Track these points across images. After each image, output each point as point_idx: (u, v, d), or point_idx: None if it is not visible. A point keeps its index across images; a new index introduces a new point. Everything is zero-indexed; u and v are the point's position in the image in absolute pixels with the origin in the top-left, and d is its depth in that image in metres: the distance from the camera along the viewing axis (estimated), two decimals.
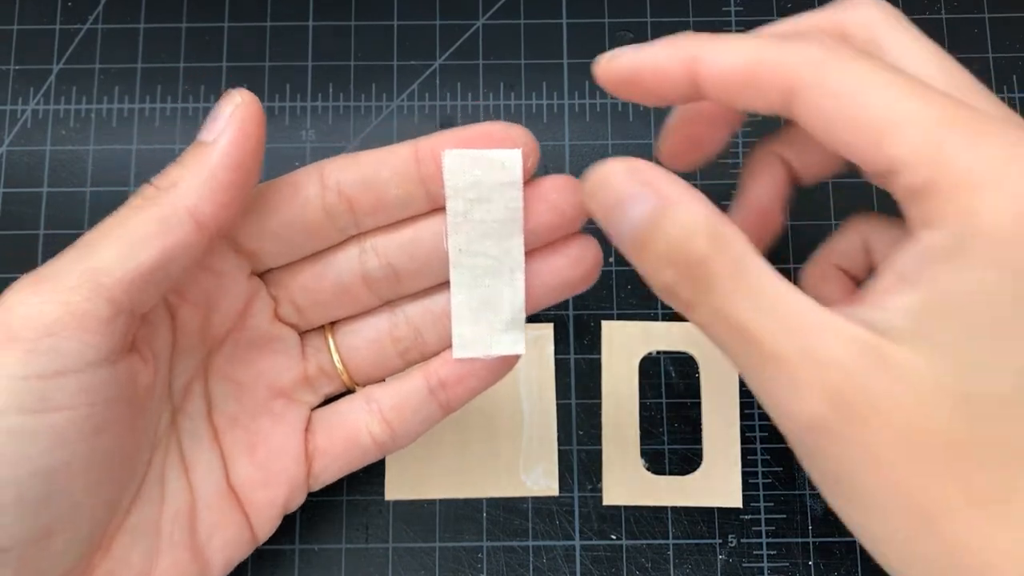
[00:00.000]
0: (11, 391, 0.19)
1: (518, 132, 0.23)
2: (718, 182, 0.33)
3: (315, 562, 0.30)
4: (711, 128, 0.25)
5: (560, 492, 0.31)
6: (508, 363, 0.25)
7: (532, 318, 0.32)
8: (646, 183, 0.20)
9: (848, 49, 0.19)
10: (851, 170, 0.22)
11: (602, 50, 0.35)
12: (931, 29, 0.35)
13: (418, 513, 0.31)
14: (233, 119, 0.22)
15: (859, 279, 0.25)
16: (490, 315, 0.25)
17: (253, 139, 0.22)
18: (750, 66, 0.20)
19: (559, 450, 0.31)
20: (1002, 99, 0.34)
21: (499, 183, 0.23)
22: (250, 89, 0.34)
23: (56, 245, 0.33)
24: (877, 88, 0.18)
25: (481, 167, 0.23)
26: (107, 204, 0.33)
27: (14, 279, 0.21)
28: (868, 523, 0.19)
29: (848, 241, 0.25)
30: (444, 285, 0.25)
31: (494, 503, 0.31)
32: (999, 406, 0.17)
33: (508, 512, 0.31)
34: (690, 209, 0.19)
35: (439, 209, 0.24)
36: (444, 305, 0.25)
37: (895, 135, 0.18)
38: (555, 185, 0.23)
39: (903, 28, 0.21)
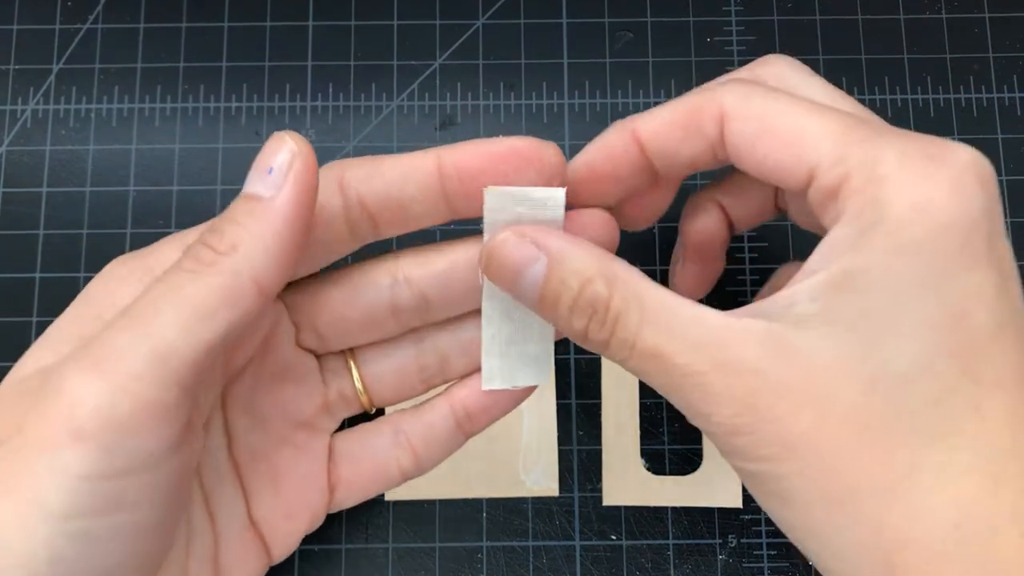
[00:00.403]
0: (77, 492, 0.18)
1: (550, 151, 0.22)
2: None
3: (315, 562, 0.30)
4: (715, 259, 0.28)
5: (560, 492, 0.31)
6: (530, 391, 0.25)
7: None
8: (534, 244, 0.21)
9: (763, 87, 0.22)
10: (781, 213, 0.25)
11: (602, 50, 0.35)
12: (931, 29, 0.35)
13: (418, 513, 0.31)
14: (293, 173, 0.20)
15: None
16: (519, 348, 0.25)
17: (312, 193, 0.20)
18: (682, 114, 0.22)
19: (559, 450, 0.31)
20: (1002, 99, 0.34)
21: (540, 220, 0.22)
22: (249, 89, 0.34)
23: (56, 245, 0.33)
24: (792, 109, 0.20)
25: (524, 206, 0.22)
26: (107, 204, 0.33)
27: (14, 279, 0.21)
28: (795, 518, 0.19)
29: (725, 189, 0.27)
30: (473, 313, 0.25)
31: (494, 503, 0.31)
32: (900, 382, 0.18)
33: (508, 512, 0.31)
34: (580, 258, 0.21)
35: (473, 237, 0.24)
36: (473, 333, 0.25)
37: (810, 143, 0.20)
38: (593, 221, 0.23)
39: (808, 75, 0.23)
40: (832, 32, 0.35)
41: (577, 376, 0.32)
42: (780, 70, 0.23)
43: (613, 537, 0.31)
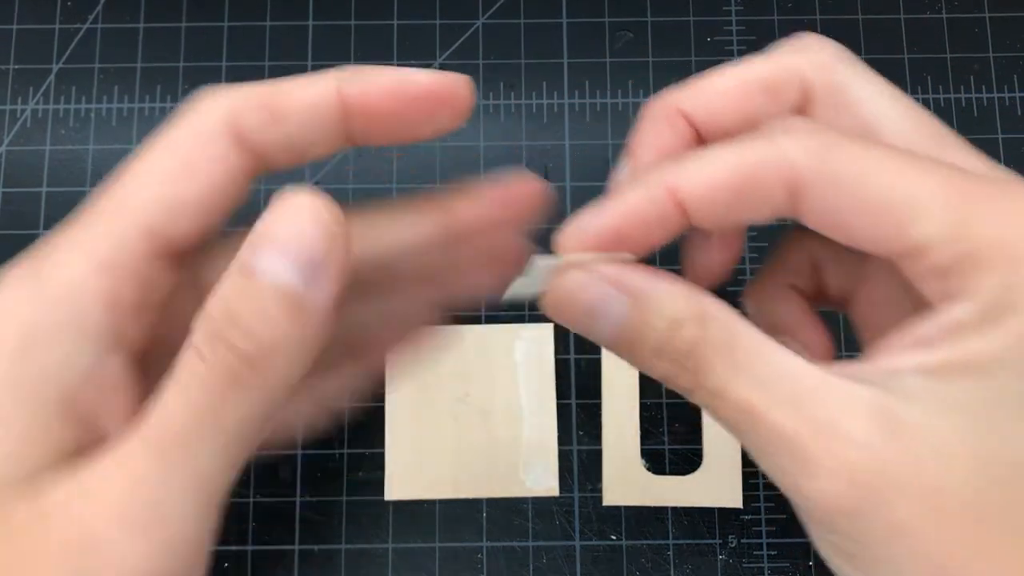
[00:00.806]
0: None
1: (463, 90, 0.20)
2: None
3: (315, 562, 0.30)
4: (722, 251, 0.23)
5: (560, 492, 0.31)
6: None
7: (532, 318, 0.32)
8: (613, 283, 0.19)
9: (838, 133, 0.18)
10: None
11: (602, 50, 0.35)
12: (931, 29, 0.35)
13: (418, 513, 0.31)
14: (335, 264, 0.17)
15: (809, 296, 0.23)
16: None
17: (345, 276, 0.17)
18: (739, 176, 0.18)
19: (559, 450, 0.31)
20: (1002, 99, 0.34)
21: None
22: None
23: None
24: (887, 171, 0.17)
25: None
26: None
27: None
28: None
29: (796, 258, 0.23)
30: None
31: (494, 503, 0.31)
32: (1018, 471, 0.17)
33: (508, 512, 0.31)
34: (669, 297, 0.18)
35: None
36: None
37: (918, 217, 0.17)
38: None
39: (859, 71, 0.20)
40: (832, 32, 0.35)
41: (577, 376, 0.32)
42: (824, 61, 0.20)
43: (613, 537, 0.31)
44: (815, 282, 0.23)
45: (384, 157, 0.34)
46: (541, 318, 0.32)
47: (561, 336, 0.32)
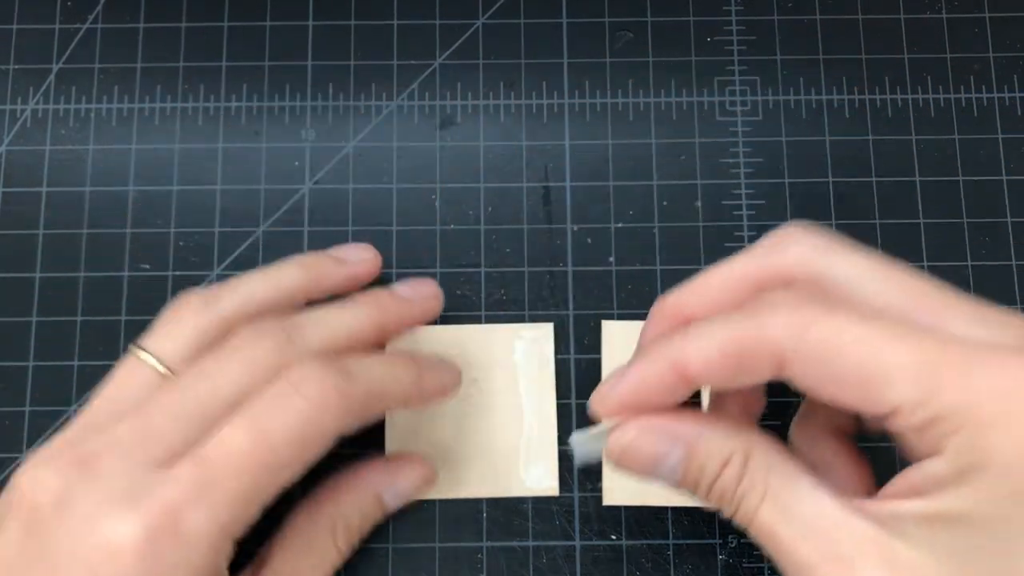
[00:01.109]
0: None
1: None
2: (720, 181, 0.34)
3: None
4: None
5: (560, 492, 0.31)
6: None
7: (533, 318, 0.32)
8: (666, 434, 0.22)
9: (818, 306, 0.20)
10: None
11: (602, 50, 0.35)
12: (931, 29, 0.35)
13: (418, 513, 0.31)
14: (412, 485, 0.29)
15: (850, 431, 0.25)
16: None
17: None
18: (730, 352, 0.21)
19: (559, 450, 0.31)
20: (1002, 99, 0.34)
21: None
22: (249, 88, 0.34)
23: (56, 245, 0.33)
24: (861, 343, 0.19)
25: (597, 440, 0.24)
26: (107, 204, 0.33)
27: (14, 279, 0.21)
28: None
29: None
30: None
31: (494, 503, 0.31)
32: None
33: (508, 512, 0.31)
34: (717, 438, 0.21)
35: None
36: None
37: (888, 387, 0.19)
38: None
39: (839, 252, 0.22)
40: (832, 32, 0.35)
41: (577, 376, 0.32)
42: (803, 256, 0.22)
43: (613, 537, 0.31)
44: (854, 419, 0.25)
45: (384, 157, 0.34)
46: (541, 318, 0.32)
47: (561, 336, 0.32)
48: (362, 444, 0.30)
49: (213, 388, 0.24)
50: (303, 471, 0.24)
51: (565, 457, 0.31)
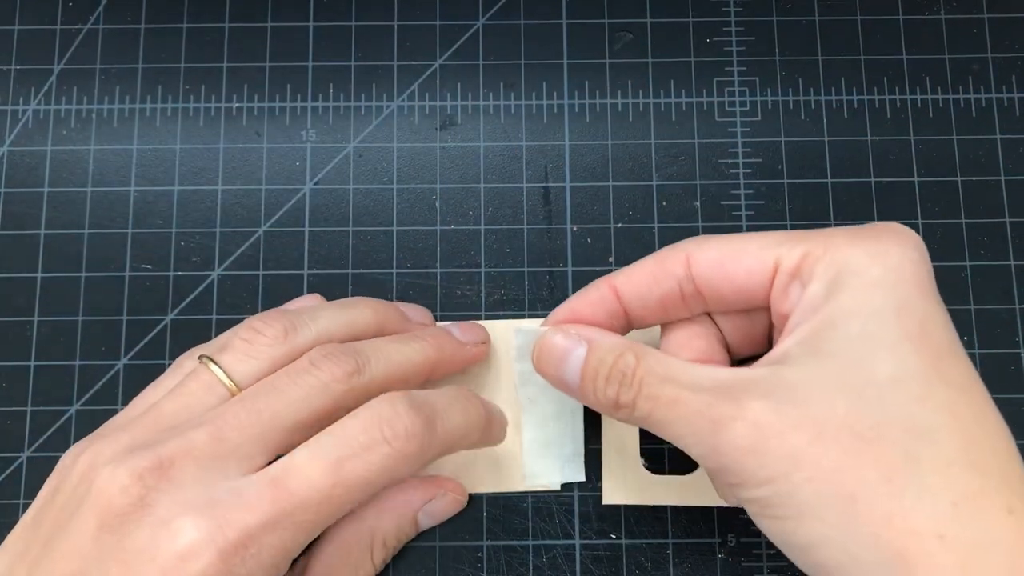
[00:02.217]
0: None
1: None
2: (719, 181, 0.34)
3: None
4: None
5: (560, 491, 0.31)
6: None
7: (532, 317, 0.32)
8: (574, 333, 0.26)
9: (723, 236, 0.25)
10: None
11: (602, 50, 0.35)
12: (930, 29, 0.35)
13: None
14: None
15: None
16: (555, 450, 0.31)
17: None
18: (652, 262, 0.26)
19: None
20: (1001, 99, 0.34)
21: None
22: (250, 89, 0.34)
23: (57, 245, 0.33)
24: (747, 234, 0.25)
25: (528, 335, 0.28)
26: (108, 204, 0.33)
27: (15, 279, 0.21)
28: (808, 530, 0.21)
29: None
30: None
31: (494, 502, 0.31)
32: (887, 388, 0.21)
33: (508, 511, 0.31)
34: (612, 340, 0.25)
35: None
36: None
37: (771, 246, 0.24)
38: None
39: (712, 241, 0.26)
40: (831, 33, 0.35)
41: None
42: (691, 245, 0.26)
43: (613, 536, 0.31)
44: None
45: (385, 158, 0.34)
46: (542, 316, 0.32)
47: None
48: None
49: (287, 406, 0.25)
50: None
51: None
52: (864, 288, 0.22)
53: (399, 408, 0.25)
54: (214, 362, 0.26)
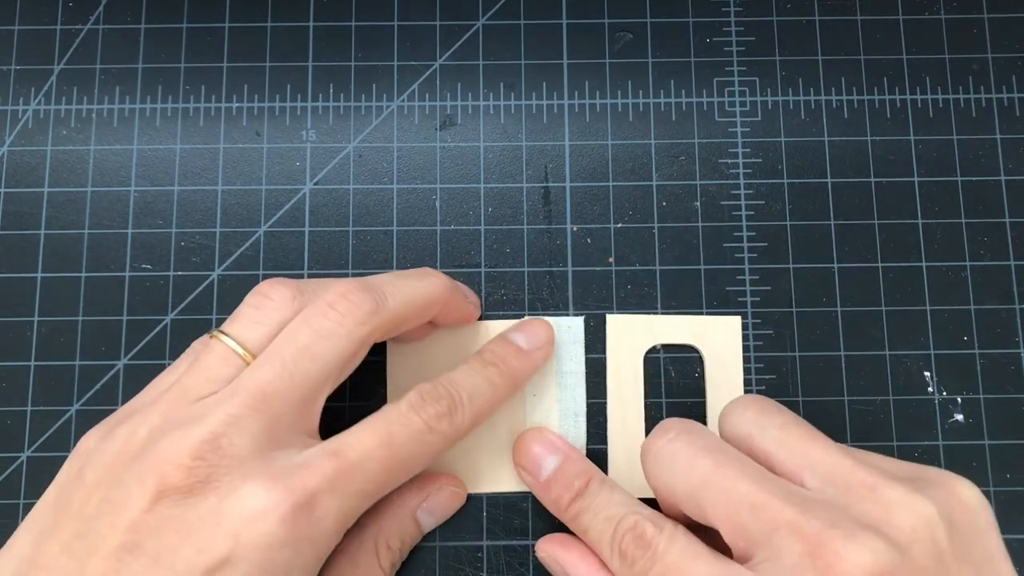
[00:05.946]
0: None
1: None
2: (719, 181, 0.34)
3: None
4: None
5: None
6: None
7: (532, 317, 0.32)
8: (553, 446, 0.30)
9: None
10: None
11: (602, 50, 0.35)
12: (930, 29, 0.35)
13: None
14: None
15: None
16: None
17: None
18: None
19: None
20: (1001, 99, 0.34)
21: (566, 342, 0.31)
22: (250, 89, 0.34)
23: (57, 245, 0.33)
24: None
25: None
26: (108, 204, 0.33)
27: (15, 279, 0.21)
28: None
29: None
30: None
31: (494, 502, 0.31)
32: None
33: (508, 511, 0.31)
34: (580, 460, 0.29)
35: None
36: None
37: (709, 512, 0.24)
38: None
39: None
40: (831, 33, 0.35)
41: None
42: None
43: None
44: None
45: (385, 158, 0.34)
46: (542, 316, 0.32)
47: None
48: None
49: (314, 362, 0.25)
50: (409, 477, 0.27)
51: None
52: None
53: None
54: (225, 334, 0.26)
